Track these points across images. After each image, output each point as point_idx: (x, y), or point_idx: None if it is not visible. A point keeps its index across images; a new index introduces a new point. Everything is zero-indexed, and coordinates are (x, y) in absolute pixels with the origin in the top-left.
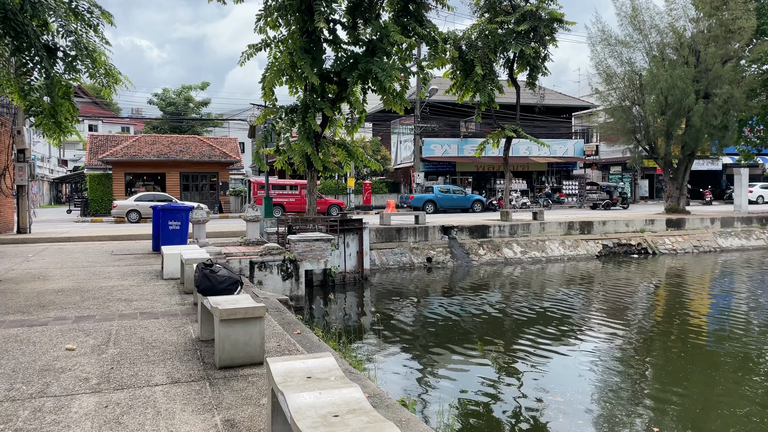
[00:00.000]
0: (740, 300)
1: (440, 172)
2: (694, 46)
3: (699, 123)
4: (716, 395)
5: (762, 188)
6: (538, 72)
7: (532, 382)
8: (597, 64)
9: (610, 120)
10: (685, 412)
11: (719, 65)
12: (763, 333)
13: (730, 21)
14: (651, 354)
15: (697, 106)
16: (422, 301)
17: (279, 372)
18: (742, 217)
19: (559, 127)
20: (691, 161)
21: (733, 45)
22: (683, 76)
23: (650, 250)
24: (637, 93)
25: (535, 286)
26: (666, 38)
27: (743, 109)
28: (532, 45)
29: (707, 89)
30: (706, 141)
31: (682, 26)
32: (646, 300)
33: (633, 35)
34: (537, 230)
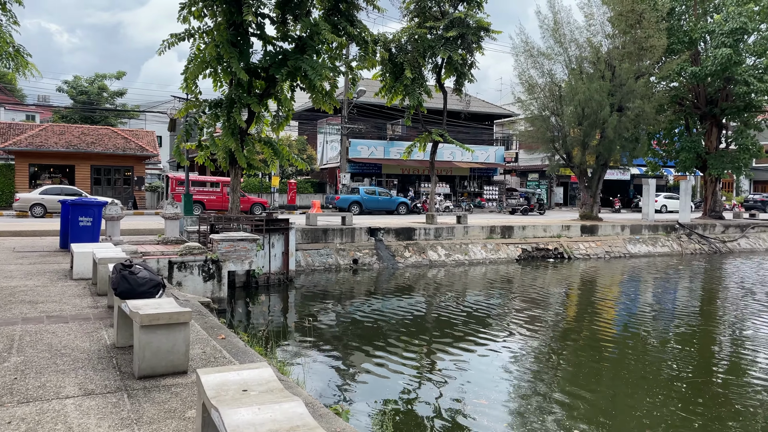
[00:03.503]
0: (646, 303)
1: (366, 173)
2: (610, 61)
3: (612, 134)
4: (623, 392)
5: (666, 198)
6: (464, 78)
7: (457, 384)
8: (520, 74)
9: (530, 128)
10: (596, 409)
11: (632, 80)
12: (666, 334)
13: (643, 39)
14: (565, 355)
15: (612, 119)
16: (348, 303)
17: (211, 385)
18: (649, 224)
19: (481, 134)
20: (604, 171)
21: (645, 62)
22: (599, 89)
23: (566, 255)
24: (557, 103)
25: (458, 288)
26: (584, 52)
27: (652, 123)
28: (460, 52)
29: (621, 103)
30: (618, 152)
31: (599, 42)
32: (561, 303)
33: (554, 48)
34: (461, 234)
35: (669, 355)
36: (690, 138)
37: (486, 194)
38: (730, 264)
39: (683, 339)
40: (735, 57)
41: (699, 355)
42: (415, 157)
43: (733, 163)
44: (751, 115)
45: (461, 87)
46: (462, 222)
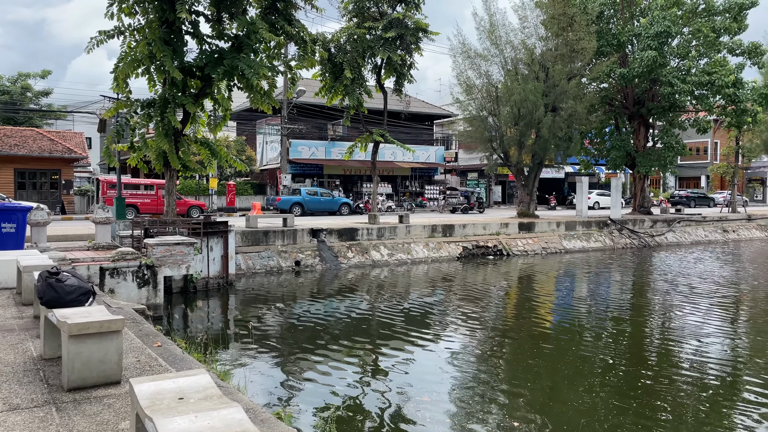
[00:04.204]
0: (581, 297)
1: (308, 174)
2: (544, 63)
3: (547, 134)
4: (560, 385)
5: (599, 195)
6: (404, 79)
7: (400, 382)
8: (458, 75)
9: (468, 129)
10: (534, 402)
11: (565, 81)
12: (600, 327)
13: (575, 41)
14: (505, 350)
15: (546, 119)
16: (290, 305)
17: (145, 394)
18: (583, 221)
19: (422, 134)
20: (540, 169)
21: (576, 64)
22: (534, 90)
23: (505, 252)
24: (494, 104)
25: (401, 287)
26: (519, 54)
27: (584, 122)
28: (399, 52)
29: (555, 103)
30: (553, 151)
31: (533, 44)
32: (501, 299)
33: (490, 49)
34: (403, 233)
35: (603, 347)
36: (619, 137)
37: (427, 193)
38: (658, 257)
39: (616, 331)
40: (660, 59)
41: (631, 346)
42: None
43: (659, 160)
44: (675, 115)
45: (401, 87)
46: (404, 221)
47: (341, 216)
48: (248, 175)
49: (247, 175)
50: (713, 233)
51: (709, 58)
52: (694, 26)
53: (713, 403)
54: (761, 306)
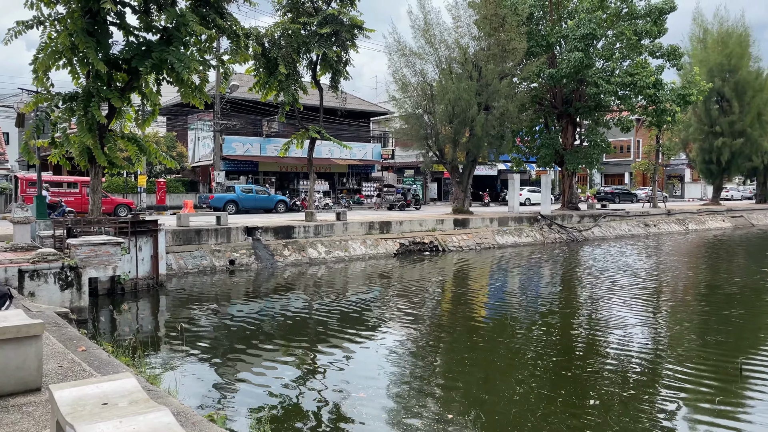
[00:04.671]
0: (513, 291)
1: (242, 171)
2: (477, 62)
3: (480, 132)
4: (494, 376)
5: (530, 192)
6: (340, 76)
7: (338, 379)
8: (393, 73)
9: (405, 126)
10: (469, 393)
11: (497, 81)
12: (530, 318)
13: (506, 42)
14: (441, 343)
15: (479, 117)
16: (224, 305)
17: (66, 400)
18: (515, 217)
19: (358, 131)
20: (474, 166)
21: (508, 63)
22: (468, 89)
23: (441, 248)
24: (429, 102)
25: (338, 285)
26: (453, 53)
27: (516, 121)
28: (335, 49)
29: (487, 102)
30: (486, 149)
31: (466, 43)
32: (437, 294)
33: (425, 48)
34: (340, 230)
35: (534, 338)
36: (549, 135)
37: (365, 191)
38: (584, 251)
39: (546, 323)
40: (586, 60)
41: (560, 337)
42: (293, 154)
43: (586, 158)
44: (600, 114)
45: (337, 84)
46: (341, 219)
47: (277, 214)
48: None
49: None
50: (636, 227)
51: (632, 60)
52: (617, 29)
53: (637, 389)
54: (679, 297)
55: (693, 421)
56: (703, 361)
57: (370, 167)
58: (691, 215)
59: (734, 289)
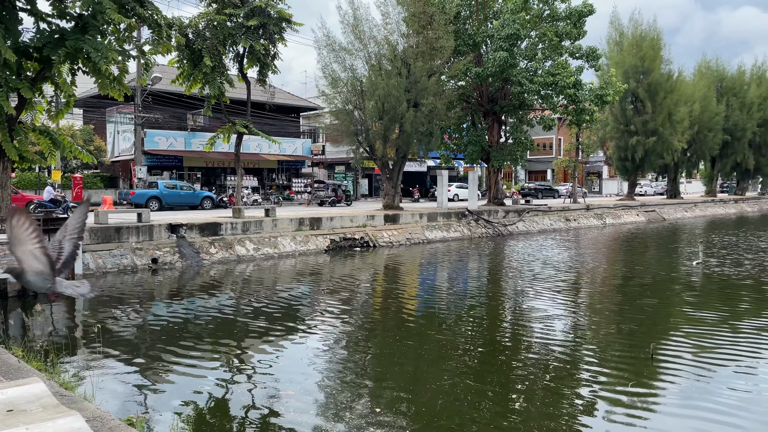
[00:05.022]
0: (442, 285)
1: (166, 166)
2: (406, 59)
3: (410, 129)
4: (424, 369)
5: (458, 188)
6: (268, 69)
7: (265, 378)
8: (323, 68)
9: (335, 122)
10: (398, 387)
11: (425, 78)
12: (459, 311)
13: (434, 40)
14: (372, 338)
15: (408, 114)
16: (147, 305)
17: None
18: (444, 212)
19: (288, 126)
20: (404, 163)
21: (436, 61)
22: (397, 85)
23: (371, 243)
24: (359, 98)
25: (268, 282)
26: (383, 49)
27: (444, 118)
28: (262, 42)
29: (416, 99)
30: (415, 145)
31: (396, 40)
32: (367, 289)
33: (355, 43)
34: (269, 227)
35: (462, 331)
36: (476, 133)
37: (295, 186)
38: (509, 245)
39: (473, 316)
40: (510, 60)
41: (486, 329)
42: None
43: (511, 155)
44: (524, 113)
45: (265, 78)
46: (271, 215)
47: (204, 210)
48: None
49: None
50: (557, 222)
51: (553, 61)
52: (540, 30)
53: (559, 376)
54: (597, 288)
55: (610, 402)
56: (618, 348)
57: (301, 163)
58: (608, 210)
59: (647, 279)
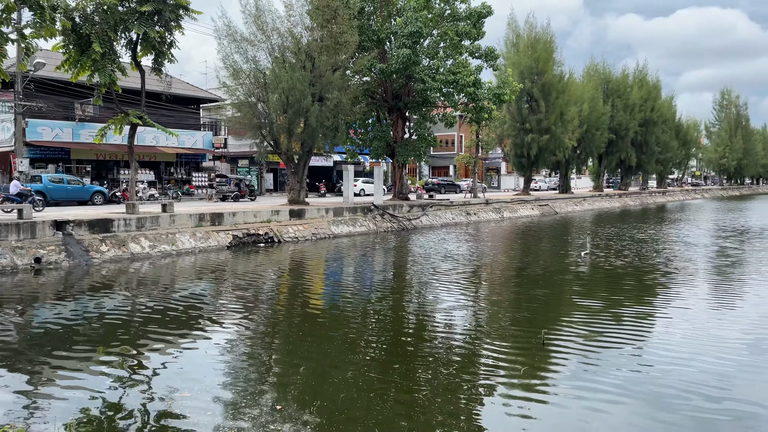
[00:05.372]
0: (348, 279)
1: (51, 158)
2: (310, 53)
3: (315, 123)
4: (331, 362)
5: (364, 183)
6: (164, 58)
7: (163, 380)
8: (224, 59)
9: (237, 114)
10: (304, 384)
11: (330, 73)
12: (364, 305)
13: (339, 34)
14: (275, 336)
15: (313, 108)
16: (28, 309)
17: None
18: (350, 207)
19: (187, 118)
20: (309, 157)
21: (341, 56)
22: (302, 79)
23: (276, 239)
24: (262, 90)
25: (165, 281)
26: (286, 42)
27: (349, 113)
28: (157, 29)
29: (321, 93)
30: (321, 140)
31: (300, 33)
32: (272, 286)
33: (257, 35)
34: (167, 223)
35: (367, 324)
36: (381, 128)
37: (195, 181)
38: (414, 239)
39: (378, 309)
40: (414, 57)
41: (391, 321)
42: (111, 141)
43: (415, 151)
44: (427, 110)
45: (161, 66)
46: (168, 210)
47: (94, 206)
48: None
49: None
50: (459, 216)
51: (454, 60)
52: (441, 29)
53: (460, 366)
54: (495, 280)
55: (507, 387)
56: (514, 336)
57: (201, 156)
58: (506, 204)
59: (540, 270)
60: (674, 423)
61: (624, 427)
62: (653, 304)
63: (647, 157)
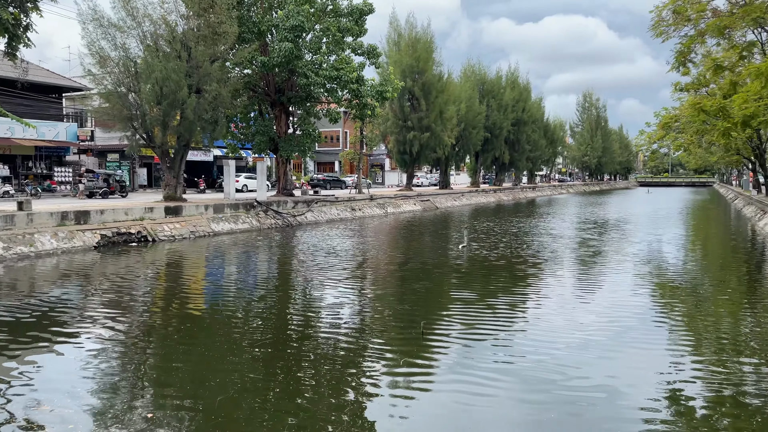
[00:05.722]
0: (229, 278)
1: None
2: (186, 42)
3: (192, 116)
4: (214, 364)
5: (247, 178)
6: (19, 42)
7: (22, 393)
8: (89, 45)
9: (105, 105)
10: (181, 389)
11: (208, 64)
12: (248, 304)
13: (216, 24)
14: (151, 340)
15: (190, 100)
16: None
17: None
18: (231, 203)
19: (47, 108)
20: (186, 151)
21: (220, 47)
22: (177, 69)
23: (150, 238)
24: (133, 80)
25: (22, 286)
26: (160, 30)
27: (229, 106)
28: (11, 10)
29: (199, 85)
30: (199, 133)
31: (174, 21)
32: (145, 288)
33: (126, 20)
34: (23, 222)
35: (251, 324)
36: (263, 123)
37: (58, 176)
38: (298, 236)
39: (262, 307)
40: (296, 51)
41: (276, 320)
42: None
43: (299, 146)
44: (311, 105)
45: (15, 51)
46: (25, 208)
47: None
48: None
49: None
50: (344, 212)
51: (337, 55)
52: (324, 24)
53: (345, 362)
54: (378, 274)
55: (390, 377)
56: (395, 329)
57: (64, 149)
58: (390, 200)
59: (421, 263)
60: (542, 403)
61: (499, 409)
62: (524, 294)
63: (519, 155)
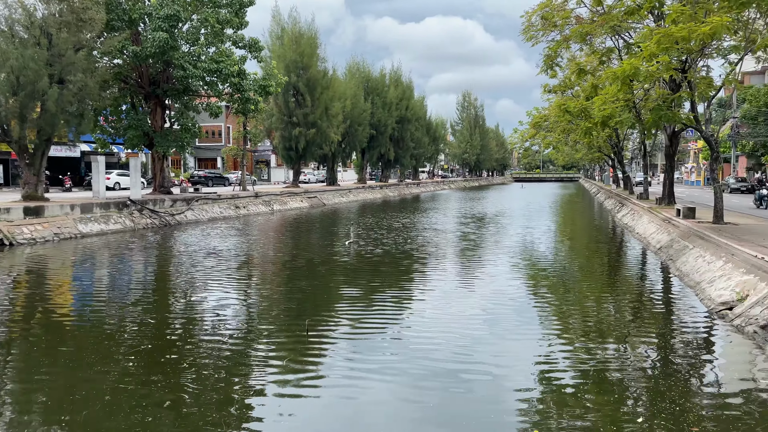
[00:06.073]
0: (101, 283)
1: None
2: (47, 29)
3: (54, 108)
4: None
5: (119, 175)
6: None
7: None
8: None
9: None
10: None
11: (72, 52)
12: (122, 311)
13: (81, 10)
14: (12, 353)
15: (52, 91)
16: None
17: None
18: (101, 202)
19: None
20: (48, 147)
21: (85, 34)
22: (36, 57)
23: (7, 242)
24: None
25: None
26: (15, 14)
27: (97, 99)
28: None
29: (62, 75)
30: (63, 127)
31: (32, 5)
32: (3, 296)
33: None
34: None
35: (126, 331)
36: (137, 116)
37: None
38: (177, 235)
39: (138, 313)
40: (171, 42)
41: (154, 325)
42: None
43: (177, 141)
44: (190, 98)
45: None
46: None
47: None
48: None
49: None
50: (227, 210)
51: (217, 48)
52: (202, 15)
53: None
54: (266, 272)
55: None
56: (281, 329)
57: None
58: (276, 197)
59: (308, 261)
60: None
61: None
62: (409, 288)
63: (403, 152)
